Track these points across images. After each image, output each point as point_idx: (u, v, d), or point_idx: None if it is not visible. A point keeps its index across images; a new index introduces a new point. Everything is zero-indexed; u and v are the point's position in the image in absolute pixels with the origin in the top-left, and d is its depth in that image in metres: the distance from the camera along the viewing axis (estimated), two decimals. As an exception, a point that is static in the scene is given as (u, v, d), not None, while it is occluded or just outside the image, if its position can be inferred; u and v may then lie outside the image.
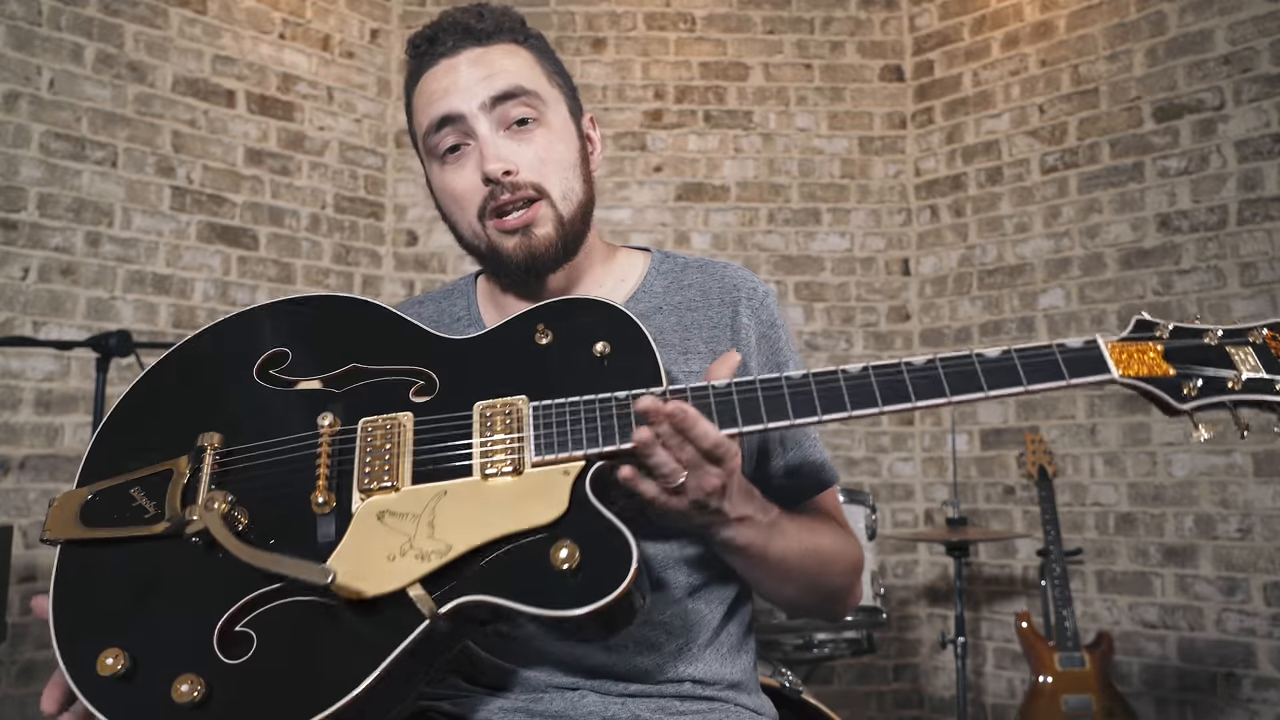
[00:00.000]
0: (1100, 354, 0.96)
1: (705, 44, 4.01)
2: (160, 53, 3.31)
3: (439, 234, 3.87)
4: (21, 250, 2.97)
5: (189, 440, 1.01)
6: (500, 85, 1.12)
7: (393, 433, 0.98)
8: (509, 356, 1.04)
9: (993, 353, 0.97)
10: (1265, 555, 3.07)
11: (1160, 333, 1.00)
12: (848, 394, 0.94)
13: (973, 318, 3.79)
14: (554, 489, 0.93)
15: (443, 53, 1.14)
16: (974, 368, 0.96)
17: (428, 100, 1.15)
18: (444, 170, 1.15)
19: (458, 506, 0.94)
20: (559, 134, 1.15)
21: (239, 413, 1.03)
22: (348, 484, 0.97)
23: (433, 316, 1.28)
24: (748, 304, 1.19)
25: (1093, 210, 3.52)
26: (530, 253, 1.12)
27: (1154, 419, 3.33)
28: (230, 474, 0.99)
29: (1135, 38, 3.46)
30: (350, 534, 0.93)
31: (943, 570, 3.77)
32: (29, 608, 2.89)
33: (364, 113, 3.82)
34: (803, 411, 0.94)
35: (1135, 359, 0.98)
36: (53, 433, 2.99)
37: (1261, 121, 3.17)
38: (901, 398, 0.94)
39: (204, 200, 3.38)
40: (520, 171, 1.11)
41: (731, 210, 3.93)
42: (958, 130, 3.88)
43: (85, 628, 0.94)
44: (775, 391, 0.95)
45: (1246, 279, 3.17)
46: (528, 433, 0.96)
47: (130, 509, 0.99)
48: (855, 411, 0.94)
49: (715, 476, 0.93)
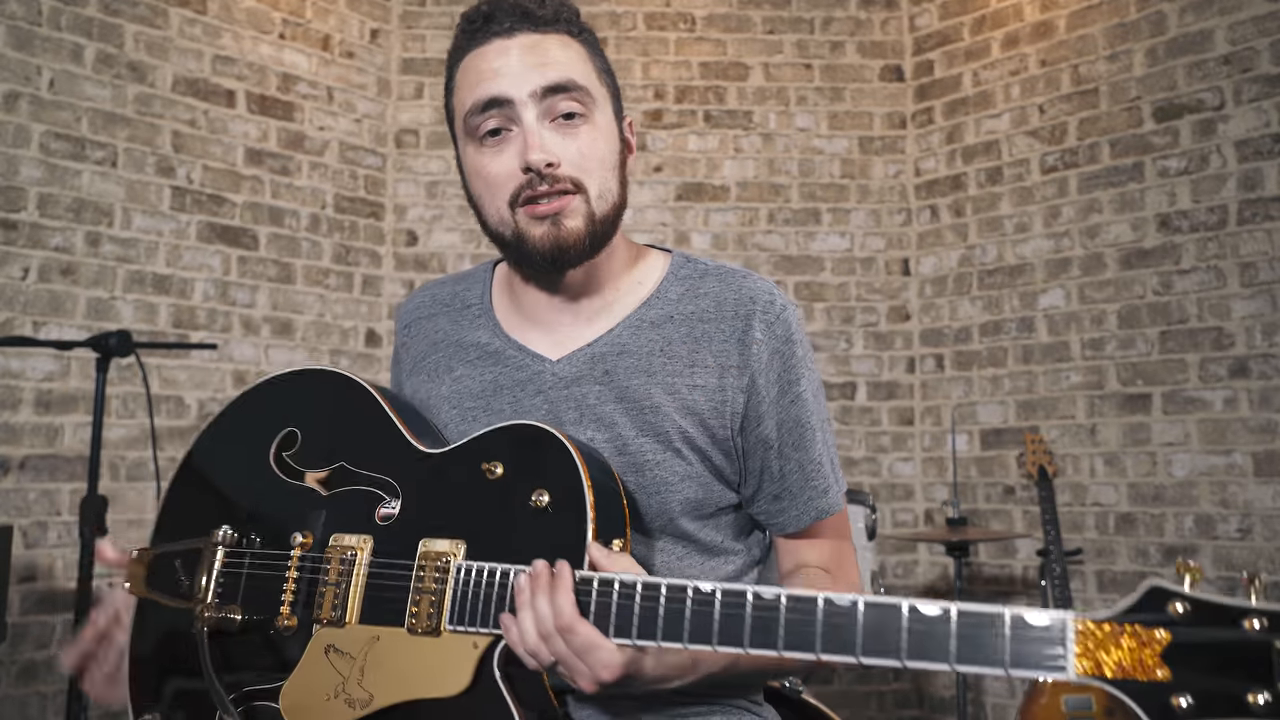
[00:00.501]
0: (1063, 639, 0.72)
1: (705, 44, 4.01)
2: (160, 53, 3.31)
3: (439, 234, 3.87)
4: (21, 250, 2.97)
5: (215, 521, 1.10)
6: (553, 76, 1.08)
7: (349, 564, 1.01)
8: (463, 485, 1.01)
9: (932, 609, 0.75)
10: (1265, 555, 3.07)
11: (1177, 609, 0.70)
12: (749, 628, 0.81)
13: (973, 318, 3.79)
14: (462, 660, 0.91)
15: (497, 32, 1.10)
16: (854, 622, 0.77)
17: (476, 78, 1.10)
18: (481, 152, 1.11)
19: (386, 656, 0.95)
20: (603, 133, 1.12)
21: (251, 504, 1.11)
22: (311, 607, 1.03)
23: (447, 300, 1.27)
24: (762, 318, 1.13)
25: (1093, 210, 3.52)
26: (557, 243, 1.08)
27: (1154, 419, 3.33)
28: (231, 570, 1.07)
29: (1135, 38, 3.46)
30: (301, 664, 0.99)
31: (943, 570, 3.77)
32: (29, 607, 2.89)
33: (364, 113, 3.82)
34: (690, 637, 0.83)
35: (1119, 647, 0.71)
36: (53, 433, 2.99)
37: (1261, 121, 3.17)
38: (769, 643, 0.80)
39: (204, 200, 3.38)
40: (561, 165, 1.08)
41: (731, 210, 3.93)
42: (958, 130, 3.88)
43: (139, 688, 1.08)
44: (678, 605, 0.84)
45: (1246, 279, 3.17)
46: (448, 594, 0.94)
47: (173, 579, 1.10)
48: (752, 650, 0.81)
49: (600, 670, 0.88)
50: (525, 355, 1.16)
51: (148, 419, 3.09)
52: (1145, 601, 0.71)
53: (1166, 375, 3.32)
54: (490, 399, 1.16)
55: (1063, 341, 3.55)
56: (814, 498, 1.14)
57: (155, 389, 3.18)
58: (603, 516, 0.93)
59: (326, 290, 3.66)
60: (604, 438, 1.10)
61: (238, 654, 1.04)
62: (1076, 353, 3.52)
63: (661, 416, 1.10)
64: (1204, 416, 3.23)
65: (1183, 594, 0.70)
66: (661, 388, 1.11)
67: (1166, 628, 0.69)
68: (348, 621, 0.98)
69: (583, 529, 0.91)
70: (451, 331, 1.24)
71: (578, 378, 1.13)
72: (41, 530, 2.95)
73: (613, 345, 1.14)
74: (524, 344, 1.17)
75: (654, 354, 1.13)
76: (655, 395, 1.10)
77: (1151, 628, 0.70)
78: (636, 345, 1.13)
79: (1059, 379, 3.55)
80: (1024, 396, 3.64)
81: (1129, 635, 0.70)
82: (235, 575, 1.07)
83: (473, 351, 1.20)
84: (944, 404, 3.82)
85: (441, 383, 1.20)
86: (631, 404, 1.11)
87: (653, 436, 1.10)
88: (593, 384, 1.12)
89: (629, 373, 1.12)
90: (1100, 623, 0.71)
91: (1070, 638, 0.71)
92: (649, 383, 1.11)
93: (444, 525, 0.99)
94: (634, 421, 1.10)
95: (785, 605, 0.80)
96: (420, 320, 1.28)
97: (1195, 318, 3.27)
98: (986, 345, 3.75)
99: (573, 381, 1.13)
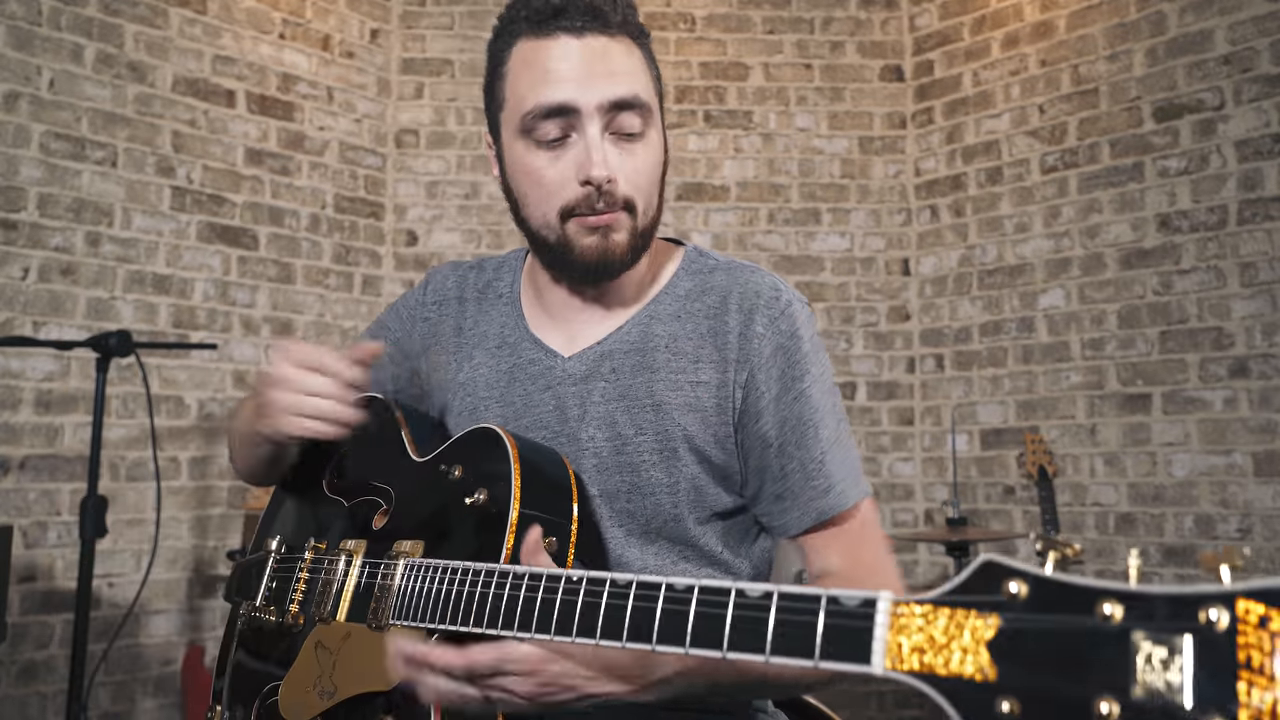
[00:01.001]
0: (869, 626, 0.60)
1: (705, 44, 4.01)
2: (160, 53, 3.31)
3: (439, 234, 3.87)
4: (21, 250, 2.97)
5: (284, 531, 1.21)
6: (623, 91, 1.05)
7: (346, 565, 1.07)
8: (431, 488, 1.05)
9: (754, 590, 0.66)
10: (1265, 555, 3.07)
11: (1011, 589, 0.55)
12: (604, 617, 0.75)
13: (973, 318, 3.79)
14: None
15: (566, 28, 1.04)
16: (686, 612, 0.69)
17: (541, 78, 1.05)
18: (536, 154, 1.07)
19: (352, 651, 1.00)
20: (654, 149, 1.10)
21: (303, 517, 1.22)
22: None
23: (481, 288, 1.27)
24: (765, 312, 1.10)
25: (1093, 210, 3.52)
26: (604, 255, 1.07)
27: (1154, 419, 3.33)
28: (283, 575, 1.16)
29: (1135, 38, 3.46)
30: (298, 660, 1.06)
31: (943, 570, 3.76)
32: (29, 607, 2.89)
33: (364, 113, 3.82)
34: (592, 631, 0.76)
35: (939, 635, 0.56)
36: (53, 433, 2.99)
37: (1261, 121, 3.17)
38: (613, 634, 0.74)
39: (204, 200, 3.38)
40: (619, 183, 1.05)
41: (731, 210, 3.93)
42: (958, 130, 3.88)
43: (223, 684, 1.18)
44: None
45: (1246, 279, 3.17)
46: (394, 591, 0.97)
47: (250, 585, 1.18)
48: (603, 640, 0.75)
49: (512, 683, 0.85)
50: (539, 350, 1.16)
51: (148, 419, 3.08)
52: (977, 579, 0.56)
53: (1166, 375, 3.32)
54: (505, 390, 1.16)
55: (1063, 341, 3.55)
56: (814, 498, 1.09)
57: (155, 389, 3.18)
58: (531, 512, 0.95)
59: (326, 290, 3.66)
60: (604, 436, 1.10)
61: (265, 652, 1.12)
62: (1076, 353, 3.52)
63: (663, 415, 1.09)
64: (1204, 416, 3.23)
65: (1023, 571, 0.55)
66: (665, 385, 1.10)
67: (997, 612, 0.54)
68: (336, 619, 1.03)
69: (501, 540, 0.93)
70: (479, 319, 1.24)
71: (587, 375, 1.13)
72: (41, 530, 2.95)
73: (621, 342, 1.14)
74: (541, 338, 1.18)
75: (659, 350, 1.12)
76: (658, 393, 1.09)
77: (982, 613, 0.55)
78: (643, 342, 1.13)
79: (1059, 379, 3.55)
80: (1024, 396, 3.64)
81: (951, 621, 0.56)
82: (286, 580, 1.14)
83: (493, 340, 1.21)
84: (944, 404, 3.82)
85: (460, 369, 1.21)
86: (633, 402, 1.10)
87: (652, 436, 1.09)
88: (599, 381, 1.12)
89: (634, 370, 1.11)
90: (921, 604, 0.57)
91: (880, 621, 0.59)
92: (652, 380, 1.10)
93: (414, 528, 1.03)
94: (634, 420, 1.09)
95: (634, 592, 0.73)
96: (450, 300, 1.28)
97: (1195, 318, 3.27)
98: (986, 345, 3.75)
99: (582, 379, 1.13)
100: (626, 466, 1.09)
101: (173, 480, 3.23)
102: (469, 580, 0.88)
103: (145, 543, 3.13)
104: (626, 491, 1.09)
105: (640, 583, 0.73)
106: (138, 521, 3.14)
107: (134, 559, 3.13)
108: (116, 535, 3.07)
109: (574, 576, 0.79)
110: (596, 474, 1.10)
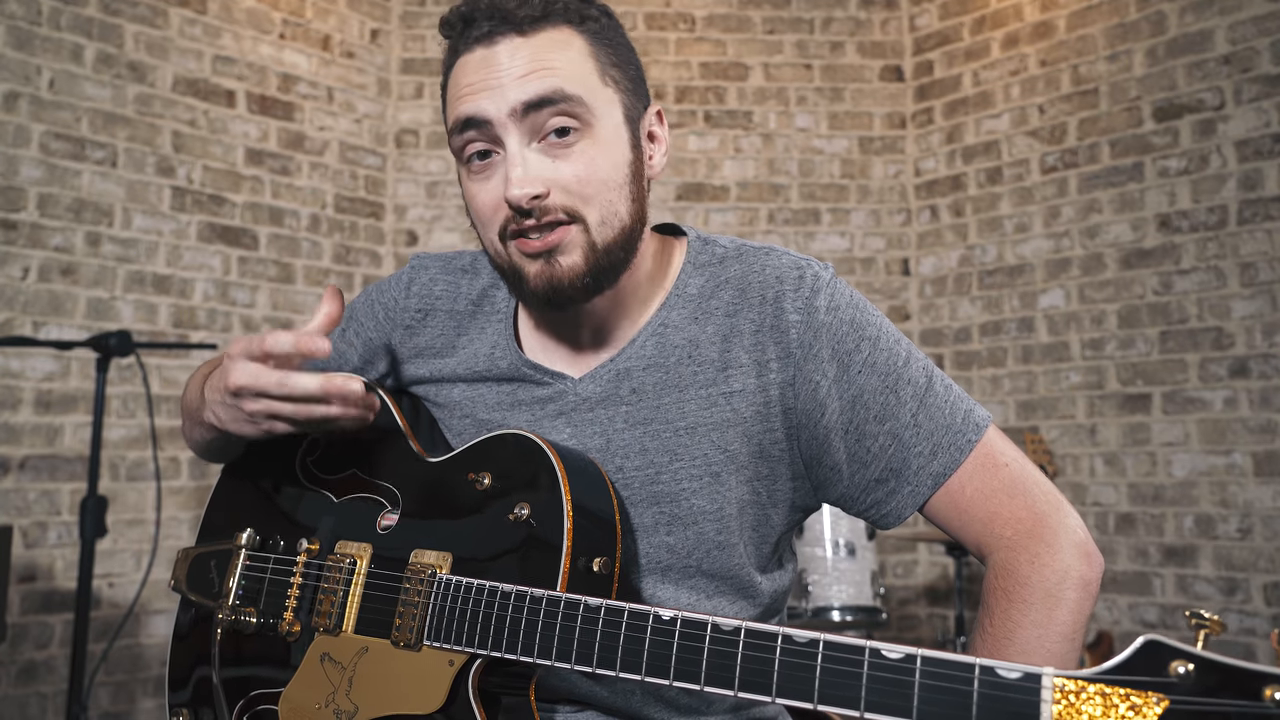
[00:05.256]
0: (1034, 701, 0.61)
1: (705, 44, 4.01)
2: (160, 53, 3.31)
3: (439, 234, 3.87)
4: (21, 250, 2.97)
5: (247, 523, 1.10)
6: (534, 89, 0.92)
7: (348, 572, 1.00)
8: (453, 494, 0.98)
9: (894, 652, 0.66)
10: (1265, 555, 3.07)
11: (1179, 670, 0.57)
12: (706, 666, 0.74)
13: (973, 318, 3.79)
14: (439, 678, 0.89)
15: (477, 38, 0.96)
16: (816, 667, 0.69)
17: (455, 95, 0.98)
18: (470, 178, 0.99)
19: (372, 668, 0.94)
20: (605, 147, 0.95)
21: (277, 508, 1.12)
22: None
23: (475, 298, 1.13)
24: (794, 295, 0.98)
25: (1093, 210, 3.52)
26: (551, 283, 0.95)
27: (1154, 419, 3.33)
28: (254, 573, 1.07)
29: (1135, 38, 3.46)
30: (300, 671, 0.99)
31: (943, 570, 3.76)
32: (29, 607, 2.89)
33: (364, 113, 3.82)
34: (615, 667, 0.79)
35: (1099, 713, 0.58)
36: (53, 433, 2.99)
37: (1261, 121, 3.17)
38: (727, 683, 0.73)
39: (204, 200, 3.38)
40: (552, 194, 0.93)
41: (731, 210, 3.93)
42: (958, 130, 3.88)
43: (174, 681, 1.11)
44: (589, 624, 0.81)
45: (1246, 279, 3.17)
46: (429, 609, 0.91)
47: (207, 578, 1.11)
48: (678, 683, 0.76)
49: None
50: (542, 373, 1.05)
51: (148, 419, 3.09)
52: (1139, 658, 0.58)
53: (1166, 375, 3.32)
54: (508, 414, 1.06)
55: (1063, 341, 3.55)
56: (922, 465, 0.96)
57: (155, 389, 3.18)
58: (581, 534, 0.89)
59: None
60: (634, 466, 0.99)
61: (250, 655, 1.05)
62: (1076, 353, 3.52)
63: (698, 438, 0.98)
64: (1204, 416, 3.23)
65: (1187, 651, 0.56)
66: (696, 402, 0.98)
67: (1164, 692, 0.56)
68: (343, 630, 0.98)
69: (559, 545, 0.88)
70: (473, 335, 1.12)
71: (604, 398, 1.01)
72: (41, 530, 2.95)
73: (636, 358, 1.01)
74: (543, 360, 1.06)
75: (682, 363, 1.00)
76: (690, 412, 0.98)
77: (1145, 691, 0.57)
78: (662, 355, 1.01)
79: (1059, 379, 3.55)
80: (1024, 396, 3.64)
81: (1117, 698, 0.57)
82: (257, 578, 1.06)
83: (484, 361, 1.09)
84: (944, 404, 3.82)
85: (454, 388, 1.11)
86: (664, 425, 0.99)
87: (689, 462, 0.98)
88: (619, 405, 1.01)
89: (659, 389, 1.00)
90: (1084, 681, 0.58)
91: (1045, 698, 0.59)
92: (681, 398, 0.99)
93: (435, 536, 0.96)
94: (666, 446, 0.98)
95: (743, 639, 0.73)
96: (439, 313, 1.14)
97: (1195, 318, 3.27)
98: (986, 345, 3.75)
99: (598, 403, 1.01)
100: (665, 497, 0.98)
101: (173, 480, 3.23)
102: (528, 607, 0.85)
103: (145, 543, 3.13)
104: (667, 524, 0.99)
105: (753, 630, 0.73)
106: (138, 521, 3.14)
107: (134, 559, 3.13)
108: (116, 535, 3.07)
109: (665, 615, 0.77)
110: (630, 508, 0.99)
